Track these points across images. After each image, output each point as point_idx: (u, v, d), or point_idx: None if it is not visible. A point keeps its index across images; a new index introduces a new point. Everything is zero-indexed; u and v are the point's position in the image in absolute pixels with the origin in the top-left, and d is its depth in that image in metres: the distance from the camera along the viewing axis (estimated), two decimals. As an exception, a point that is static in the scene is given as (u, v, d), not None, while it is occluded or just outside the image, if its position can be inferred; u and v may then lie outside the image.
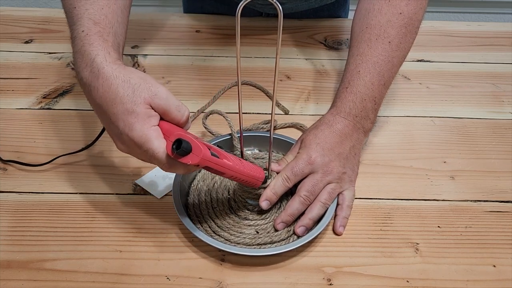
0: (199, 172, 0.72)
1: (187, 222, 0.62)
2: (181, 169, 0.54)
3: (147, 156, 0.54)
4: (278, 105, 0.85)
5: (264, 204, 0.65)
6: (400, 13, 0.74)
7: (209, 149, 0.54)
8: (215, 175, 0.71)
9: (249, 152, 0.75)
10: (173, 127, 0.56)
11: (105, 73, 0.54)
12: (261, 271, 0.62)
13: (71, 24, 0.62)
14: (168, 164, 0.53)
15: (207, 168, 0.54)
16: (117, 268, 0.61)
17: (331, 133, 0.68)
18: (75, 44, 0.58)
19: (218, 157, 0.55)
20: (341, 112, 0.70)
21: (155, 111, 0.54)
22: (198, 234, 0.61)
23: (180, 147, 0.51)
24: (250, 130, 0.78)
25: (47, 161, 0.72)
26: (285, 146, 0.73)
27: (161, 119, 0.55)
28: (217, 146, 0.60)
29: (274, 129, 0.74)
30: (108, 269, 0.61)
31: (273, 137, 0.64)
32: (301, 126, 0.80)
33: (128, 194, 0.70)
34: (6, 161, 0.73)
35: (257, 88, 0.88)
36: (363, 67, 0.72)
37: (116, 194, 0.70)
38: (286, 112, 0.84)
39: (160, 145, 0.53)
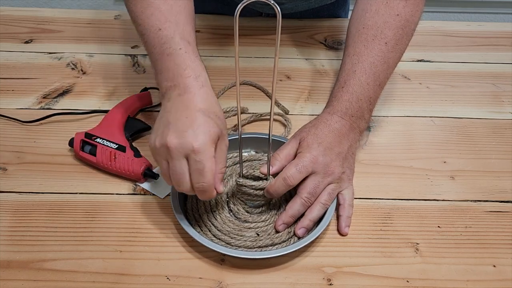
0: None
1: (187, 227, 0.62)
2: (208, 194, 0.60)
3: (194, 164, 0.57)
4: (278, 105, 0.85)
5: (269, 195, 0.66)
6: (397, 15, 0.74)
7: (93, 146, 0.72)
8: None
9: (246, 154, 0.75)
10: None
11: (206, 88, 0.62)
12: (261, 271, 0.62)
13: (158, 43, 0.66)
14: (209, 185, 0.58)
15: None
16: (117, 268, 0.61)
17: (330, 132, 0.68)
18: (174, 57, 0.63)
19: (94, 153, 0.72)
20: (338, 112, 0.70)
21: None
22: (199, 239, 0.61)
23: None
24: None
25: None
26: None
27: None
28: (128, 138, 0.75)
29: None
30: (108, 269, 0.61)
31: (272, 139, 0.64)
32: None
33: (128, 194, 0.70)
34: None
35: (257, 88, 0.88)
36: (359, 67, 0.72)
37: (116, 194, 0.70)
38: (286, 112, 0.84)
39: (212, 166, 0.58)
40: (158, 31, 0.66)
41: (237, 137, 0.65)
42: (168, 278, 0.60)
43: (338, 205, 0.67)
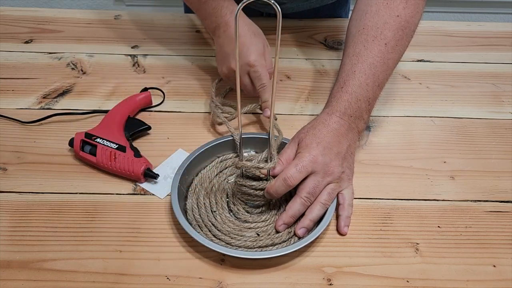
0: (196, 175, 0.72)
1: (187, 227, 0.62)
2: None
3: (253, 74, 0.77)
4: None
5: (269, 195, 0.65)
6: (398, 16, 0.74)
7: (93, 146, 0.72)
8: (212, 178, 0.72)
9: (245, 154, 0.75)
10: None
11: (242, 17, 0.79)
12: (261, 271, 0.62)
13: None
14: (268, 83, 0.77)
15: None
16: (117, 268, 0.61)
17: (328, 132, 0.68)
18: (210, 2, 0.79)
19: (94, 153, 0.72)
20: (337, 112, 0.70)
21: None
22: (199, 239, 0.61)
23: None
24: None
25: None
26: (283, 148, 0.73)
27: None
28: (128, 138, 0.75)
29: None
30: (108, 269, 0.61)
31: (272, 139, 0.64)
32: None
33: (128, 194, 0.70)
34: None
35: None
36: (359, 67, 0.72)
37: (116, 194, 0.70)
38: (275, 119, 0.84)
39: (265, 71, 0.77)
40: None
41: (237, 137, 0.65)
42: (168, 278, 0.60)
43: (338, 204, 0.67)
